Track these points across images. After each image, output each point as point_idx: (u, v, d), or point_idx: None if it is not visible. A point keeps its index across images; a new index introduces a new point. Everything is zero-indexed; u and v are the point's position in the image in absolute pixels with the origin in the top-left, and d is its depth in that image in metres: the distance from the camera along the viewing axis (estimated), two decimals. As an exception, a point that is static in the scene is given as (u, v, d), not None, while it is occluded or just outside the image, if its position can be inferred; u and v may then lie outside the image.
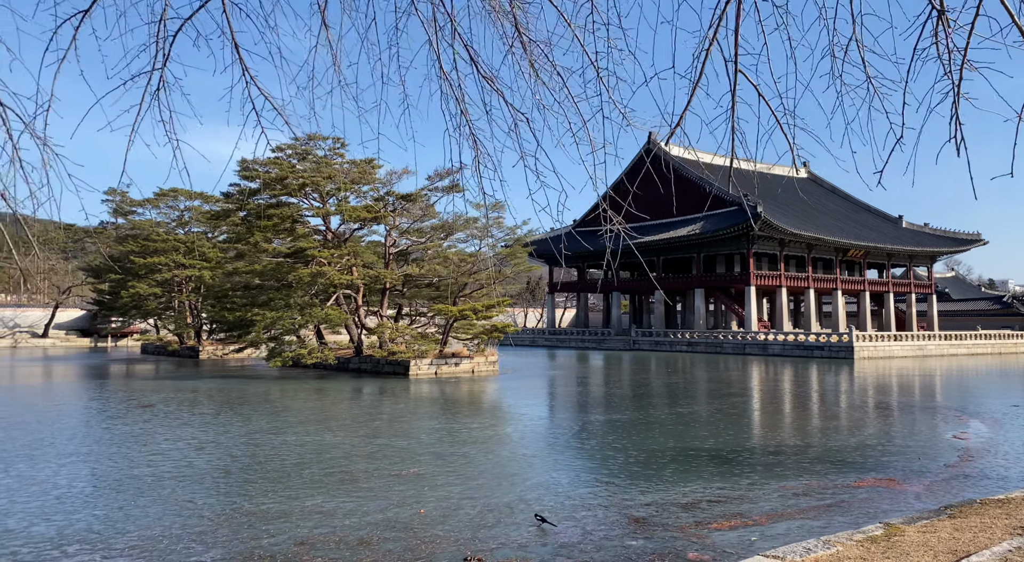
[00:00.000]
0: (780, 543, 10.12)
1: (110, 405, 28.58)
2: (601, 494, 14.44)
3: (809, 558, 7.30)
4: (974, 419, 25.57)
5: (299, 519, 12.41)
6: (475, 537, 11.55)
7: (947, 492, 14.67)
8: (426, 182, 47.35)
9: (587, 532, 11.82)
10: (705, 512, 13.08)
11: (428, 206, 47.26)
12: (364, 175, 46.42)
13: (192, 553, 10.52)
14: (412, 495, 14.18)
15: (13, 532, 11.49)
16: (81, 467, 16.62)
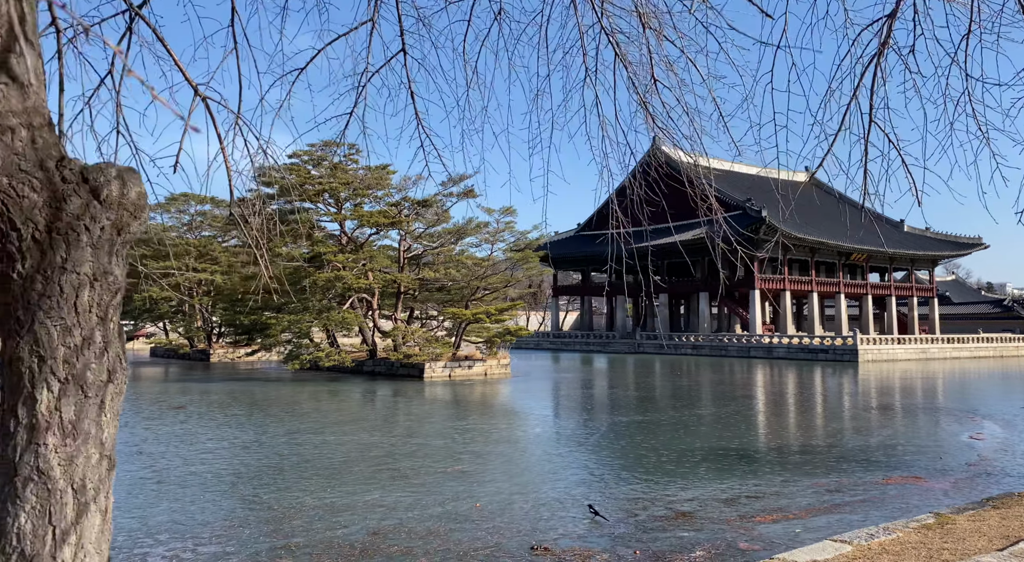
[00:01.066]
0: (823, 535, 10.82)
1: (142, 407, 29.24)
2: (643, 490, 15.13)
3: (874, 542, 7.99)
4: (987, 421, 26.29)
5: (364, 512, 13.09)
6: (535, 528, 12.25)
7: (972, 489, 15.37)
8: (439, 187, 48.05)
9: (639, 524, 12.52)
10: (746, 507, 13.78)
11: (443, 211, 47.97)
12: (379, 181, 47.15)
13: (276, 541, 11.21)
14: (464, 490, 14.86)
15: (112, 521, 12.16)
16: (139, 465, 17.30)
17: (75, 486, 2.50)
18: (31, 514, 2.42)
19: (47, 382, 2.45)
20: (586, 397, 36.12)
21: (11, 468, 2.44)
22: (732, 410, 29.45)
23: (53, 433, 2.45)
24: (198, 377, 46.25)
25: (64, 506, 2.47)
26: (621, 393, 37.23)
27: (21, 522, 2.42)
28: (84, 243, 2.52)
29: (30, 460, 2.43)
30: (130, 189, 2.63)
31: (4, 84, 2.38)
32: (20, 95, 2.41)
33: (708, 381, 45.22)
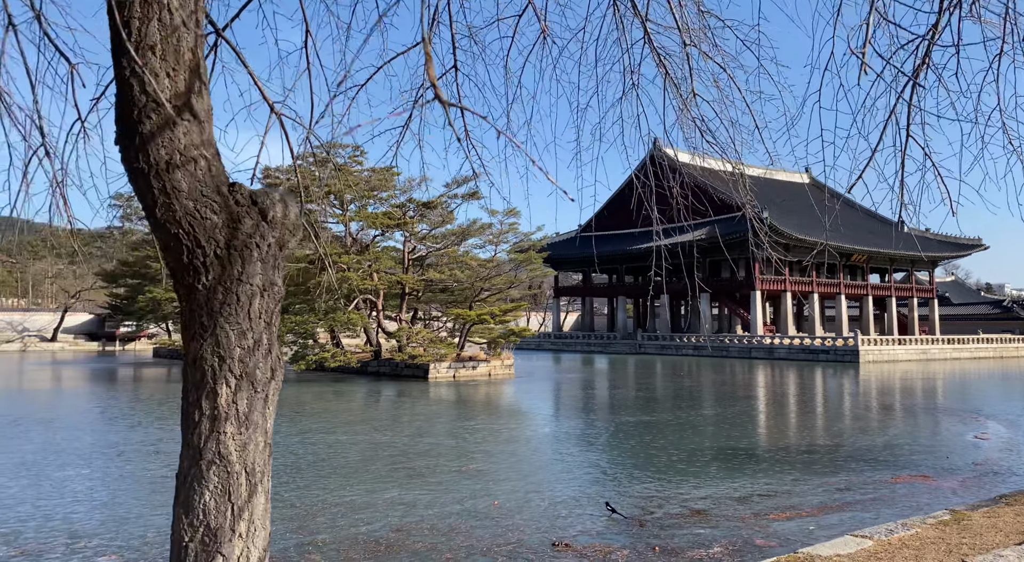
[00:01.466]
0: (837, 533, 11.06)
1: (152, 407, 29.46)
2: (656, 489, 15.37)
3: (893, 538, 8.25)
4: (991, 421, 26.54)
5: (385, 509, 13.33)
6: (553, 526, 12.49)
7: (981, 487, 15.62)
8: (444, 189, 48.29)
9: (656, 521, 12.76)
10: (759, 505, 14.02)
11: (448, 213, 48.22)
12: (384, 183, 47.38)
13: (302, 538, 11.45)
14: (481, 489, 15.10)
15: (140, 518, 12.42)
16: (159, 464, 17.52)
17: (247, 469, 2.80)
18: (214, 493, 2.73)
19: (226, 378, 2.75)
20: (591, 397, 36.37)
21: (196, 453, 2.75)
22: (737, 410, 29.70)
23: (231, 423, 2.75)
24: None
25: (240, 486, 2.77)
26: (626, 393, 37.47)
27: (206, 499, 2.73)
28: (255, 258, 2.82)
29: (213, 446, 2.74)
30: (290, 211, 2.93)
31: (187, 121, 2.67)
32: (199, 130, 2.70)
33: (711, 382, 45.48)
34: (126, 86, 2.76)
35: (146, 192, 2.79)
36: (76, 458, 18.17)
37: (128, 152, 2.79)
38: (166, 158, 2.82)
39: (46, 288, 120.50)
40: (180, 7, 2.74)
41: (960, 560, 7.12)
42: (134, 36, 2.70)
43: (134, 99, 2.77)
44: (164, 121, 2.74)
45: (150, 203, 2.81)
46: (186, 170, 2.70)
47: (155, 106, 2.72)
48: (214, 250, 2.76)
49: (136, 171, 2.78)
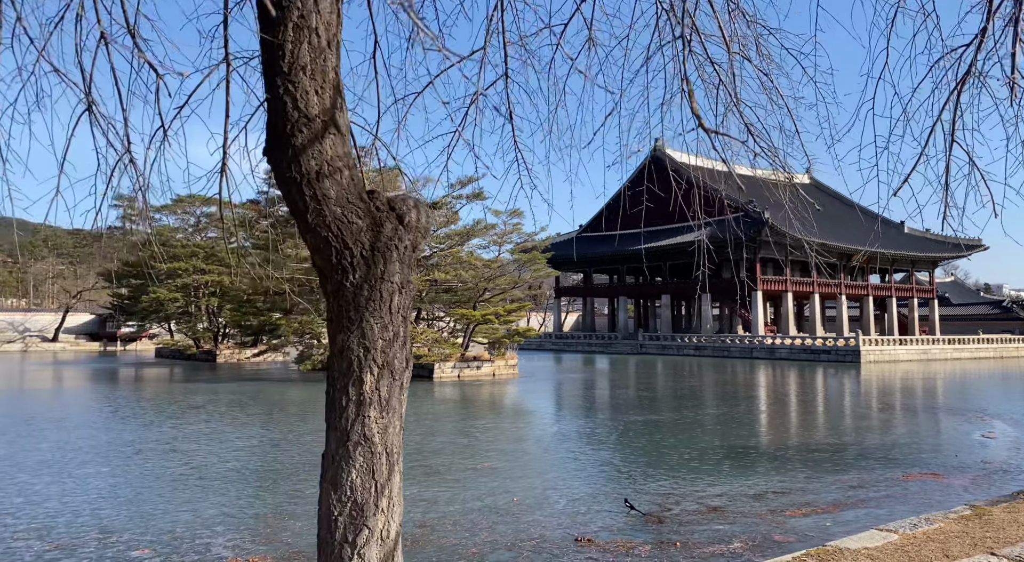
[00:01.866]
0: (854, 529, 11.25)
1: (163, 406, 29.60)
2: (671, 486, 15.56)
3: (918, 531, 8.44)
4: (996, 420, 26.75)
5: (407, 505, 13.31)
6: (574, 522, 12.68)
7: (991, 485, 15.82)
8: (448, 190, 48.43)
9: (674, 518, 12.95)
10: (774, 502, 14.21)
11: (453, 213, 48.38)
12: (389, 184, 47.47)
13: (329, 535, 11.62)
14: (498, 486, 15.29)
15: (167, 514, 12.59)
16: (176, 462, 17.67)
17: (388, 450, 3.03)
18: (360, 471, 2.97)
19: (369, 367, 2.98)
20: (597, 397, 36.57)
21: (344, 435, 2.98)
22: (744, 410, 29.91)
23: (374, 407, 2.98)
24: (209, 377, 46.58)
25: (382, 465, 3.00)
26: (631, 393, 37.67)
27: (353, 477, 2.96)
28: (395, 259, 3.05)
29: (358, 429, 2.98)
30: (422, 215, 3.16)
31: (333, 134, 2.89)
32: (342, 142, 2.92)
33: (714, 381, 45.69)
34: (279, 103, 2.99)
35: (297, 199, 3.03)
36: (95, 456, 18.34)
37: (280, 163, 3.03)
38: (316, 168, 3.02)
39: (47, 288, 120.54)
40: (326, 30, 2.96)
41: (988, 552, 7.31)
42: (287, 58, 2.94)
43: (287, 115, 3.01)
44: (314, 135, 2.98)
45: (301, 209, 3.05)
46: (333, 179, 2.94)
47: (306, 121, 2.96)
48: (360, 251, 3.00)
49: (288, 180, 3.02)
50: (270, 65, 3.09)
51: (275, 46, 2.98)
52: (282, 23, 2.97)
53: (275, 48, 2.98)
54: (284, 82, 3.04)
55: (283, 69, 2.99)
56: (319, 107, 3.12)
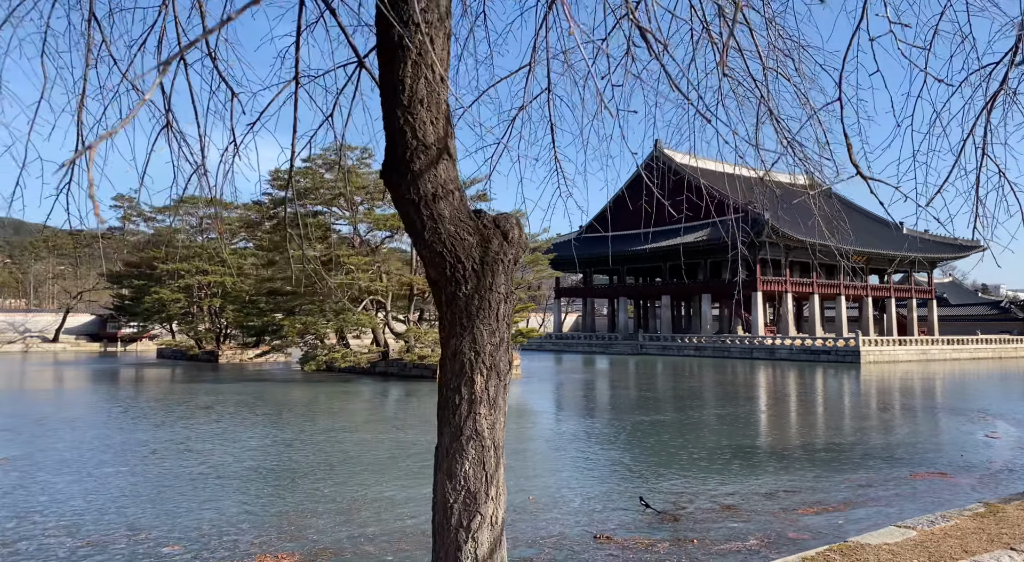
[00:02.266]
0: (865, 527, 11.51)
1: (171, 407, 29.81)
2: (684, 485, 15.80)
3: (936, 528, 8.68)
4: (999, 420, 27.03)
5: (425, 504, 13.61)
6: (591, 520, 12.92)
7: (998, 484, 16.08)
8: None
9: (689, 516, 13.19)
10: (786, 500, 14.46)
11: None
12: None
13: (352, 530, 11.86)
14: (513, 484, 15.42)
15: (190, 512, 12.81)
16: (194, 461, 17.89)
17: (495, 444, 3.31)
18: (472, 463, 3.24)
19: (479, 369, 3.25)
20: (602, 398, 36.83)
21: (457, 430, 3.26)
22: (748, 410, 30.18)
23: (483, 405, 3.24)
24: (214, 378, 46.78)
25: (491, 458, 3.28)
26: (636, 394, 37.93)
27: (466, 468, 3.24)
28: (501, 271, 3.33)
29: (470, 425, 3.25)
30: (521, 232, 3.42)
31: (445, 160, 3.17)
32: (453, 167, 3.21)
33: (717, 382, 45.96)
34: (399, 132, 3.31)
35: (415, 218, 3.34)
36: (112, 455, 18.55)
37: (399, 186, 3.34)
38: (432, 191, 3.33)
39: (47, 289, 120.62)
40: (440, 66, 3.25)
41: (1008, 548, 7.56)
42: (407, 92, 3.25)
43: (406, 143, 3.32)
44: (430, 161, 3.29)
45: (419, 227, 3.37)
46: (447, 200, 3.25)
47: (423, 148, 3.27)
48: (471, 265, 3.30)
49: (407, 201, 3.34)
50: (389, 98, 3.39)
51: (394, 82, 3.28)
52: (401, 61, 3.26)
53: (395, 83, 3.28)
54: (403, 114, 3.33)
55: (403, 102, 3.29)
56: (434, 136, 3.38)
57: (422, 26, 3.25)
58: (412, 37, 3.27)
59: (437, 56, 3.35)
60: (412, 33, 3.30)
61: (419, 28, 3.26)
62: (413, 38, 3.27)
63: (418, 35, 3.27)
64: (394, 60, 3.33)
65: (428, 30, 3.29)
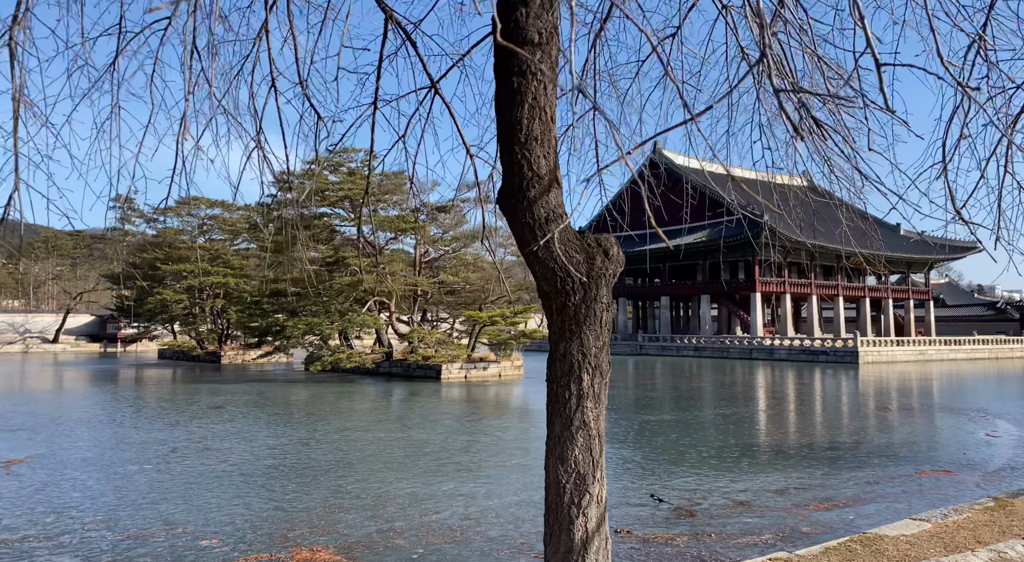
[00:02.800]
0: (876, 522, 11.95)
1: (182, 407, 30.18)
2: (696, 483, 16.22)
3: (949, 521, 9.11)
4: (999, 420, 27.50)
5: (447, 500, 14.15)
6: (610, 515, 13.26)
7: (1001, 481, 16.52)
8: (455, 193, 49.08)
9: (704, 511, 13.61)
10: (797, 497, 14.89)
11: (461, 216, 49.08)
12: (397, 187, 48.18)
13: (381, 525, 12.25)
14: (531, 482, 15.91)
15: (220, 507, 13.20)
16: (214, 460, 18.27)
17: (599, 433, 3.75)
18: (581, 449, 3.69)
19: (586, 368, 3.69)
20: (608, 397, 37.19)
21: (568, 421, 3.71)
22: (752, 410, 30.63)
23: (590, 400, 3.68)
24: (219, 378, 47.14)
25: (596, 445, 3.73)
26: (639, 394, 38.37)
27: (576, 454, 3.68)
28: (603, 284, 3.79)
29: (579, 416, 3.69)
30: (619, 249, 3.88)
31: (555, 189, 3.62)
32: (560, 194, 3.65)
33: (718, 382, 46.42)
34: (516, 164, 3.81)
35: (530, 239, 3.83)
36: (133, 454, 18.93)
37: (516, 211, 3.84)
38: (544, 215, 3.81)
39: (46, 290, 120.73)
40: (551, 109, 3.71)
41: (1020, 538, 7.98)
42: (524, 131, 3.74)
43: (523, 174, 3.82)
44: (543, 189, 3.79)
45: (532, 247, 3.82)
46: (556, 223, 3.75)
47: (538, 179, 3.76)
48: (579, 279, 3.78)
49: (523, 224, 3.83)
50: (507, 135, 3.89)
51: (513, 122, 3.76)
52: (519, 105, 3.74)
53: (513, 123, 3.75)
54: (521, 149, 3.81)
55: (520, 139, 3.77)
56: (546, 168, 3.86)
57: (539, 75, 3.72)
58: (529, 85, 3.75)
59: (549, 101, 3.84)
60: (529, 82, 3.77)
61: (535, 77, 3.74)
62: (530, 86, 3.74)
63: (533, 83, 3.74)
64: (512, 104, 3.80)
65: (543, 78, 3.77)
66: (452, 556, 10.82)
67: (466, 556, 10.87)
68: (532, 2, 3.78)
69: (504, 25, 3.74)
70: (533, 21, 3.79)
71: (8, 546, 10.93)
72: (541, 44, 3.82)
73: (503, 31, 3.73)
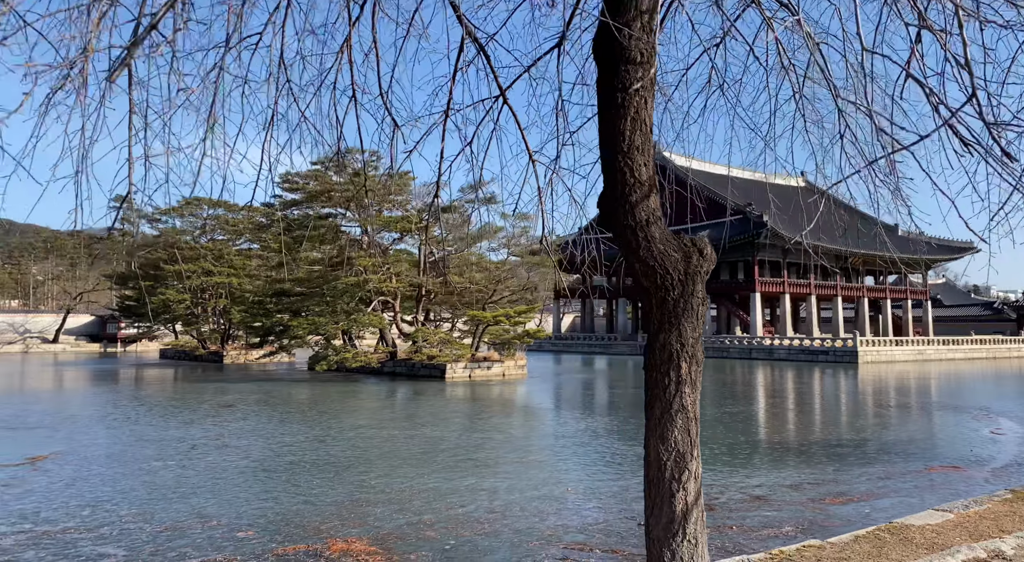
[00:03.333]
0: (892, 515, 12.24)
1: (193, 405, 30.44)
2: (712, 479, 16.49)
3: (971, 511, 9.43)
4: (1001, 418, 27.87)
5: (470, 495, 14.44)
6: (628, 509, 13.62)
7: (1010, 476, 16.86)
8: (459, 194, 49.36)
9: (723, 506, 13.92)
10: (812, 491, 15.21)
11: (467, 216, 49.35)
12: (401, 187, 48.47)
13: (410, 518, 12.55)
14: (548, 477, 16.24)
15: (249, 502, 13.48)
16: (236, 456, 18.55)
17: (695, 417, 4.10)
18: (680, 430, 4.03)
19: (684, 356, 4.04)
20: (612, 396, 37.60)
21: (668, 405, 4.04)
22: (757, 408, 30.99)
23: (687, 385, 4.01)
24: (224, 378, 47.38)
25: (693, 426, 4.06)
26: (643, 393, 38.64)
27: (675, 434, 4.01)
28: (698, 280, 4.15)
29: (678, 400, 4.02)
30: (711, 249, 4.21)
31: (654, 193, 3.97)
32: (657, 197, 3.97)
33: (720, 381, 46.76)
34: (619, 172, 4.18)
35: (631, 239, 4.19)
36: (154, 451, 19.20)
37: (618, 214, 4.21)
38: (645, 218, 4.17)
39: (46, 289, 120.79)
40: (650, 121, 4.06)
41: (1043, 524, 8.30)
42: (626, 141, 4.10)
43: (625, 181, 4.19)
44: (644, 194, 4.16)
45: (634, 247, 4.23)
46: (656, 225, 4.11)
47: (639, 185, 4.13)
48: (677, 276, 4.13)
49: (625, 226, 4.19)
50: (609, 145, 4.25)
51: (616, 133, 4.10)
52: (621, 118, 4.07)
53: (615, 135, 4.10)
54: (623, 158, 4.19)
55: (623, 149, 4.14)
56: (646, 175, 4.24)
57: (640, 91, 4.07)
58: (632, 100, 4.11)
59: (648, 114, 4.21)
60: (631, 97, 4.13)
61: (637, 93, 4.08)
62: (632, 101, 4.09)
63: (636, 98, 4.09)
64: (616, 117, 4.18)
65: (644, 94, 4.12)
66: (483, 547, 11.12)
67: (497, 547, 11.16)
68: (634, 26, 4.10)
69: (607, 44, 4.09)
70: (635, 42, 4.14)
71: (52, 538, 11.21)
72: (642, 63, 4.18)
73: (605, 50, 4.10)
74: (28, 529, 11.68)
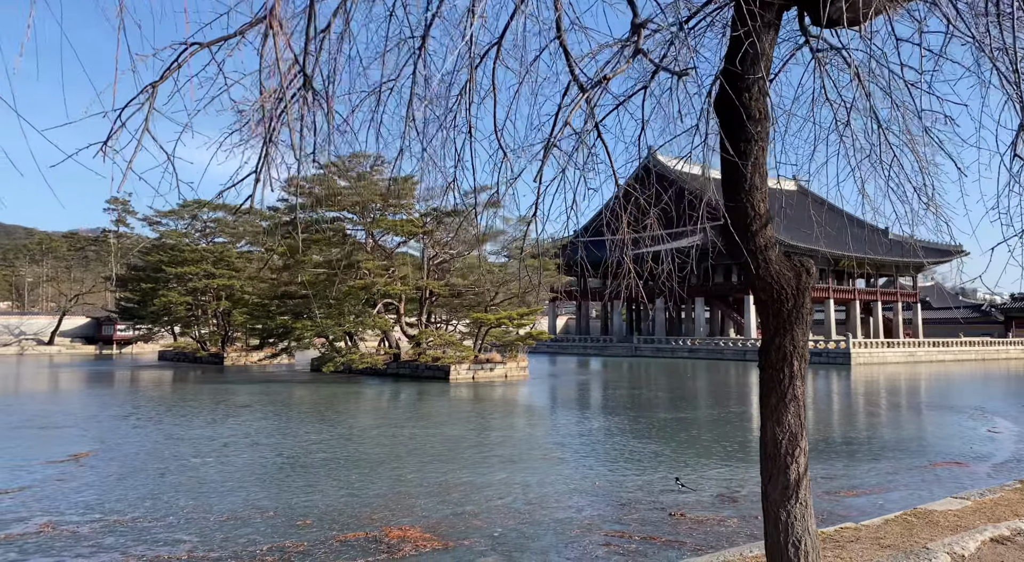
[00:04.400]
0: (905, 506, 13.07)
1: (209, 407, 31.08)
2: (729, 473, 17.35)
3: (986, 499, 10.28)
4: (996, 417, 28.84)
5: (504, 488, 15.21)
6: (657, 500, 14.43)
7: (1011, 471, 17.74)
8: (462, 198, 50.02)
9: (744, 498, 14.74)
10: (825, 485, 16.04)
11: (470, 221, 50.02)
12: (406, 192, 49.15)
13: (453, 508, 13.31)
14: (574, 472, 17.02)
15: (296, 495, 14.22)
16: (269, 453, 19.27)
17: (804, 404, 4.93)
18: (792, 415, 4.86)
19: (796, 356, 4.89)
20: (617, 397, 38.40)
21: (783, 395, 4.87)
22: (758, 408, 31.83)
23: (798, 379, 4.83)
24: (229, 379, 48.00)
25: (802, 413, 4.90)
26: (647, 393, 39.56)
27: (789, 418, 4.84)
28: (807, 294, 4.99)
29: (791, 391, 4.86)
30: (816, 267, 5.04)
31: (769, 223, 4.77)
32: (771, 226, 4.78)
33: (719, 382, 47.72)
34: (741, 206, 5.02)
35: (752, 261, 5.02)
36: (188, 449, 19.88)
37: (744, 240, 4.97)
38: (763, 243, 5.01)
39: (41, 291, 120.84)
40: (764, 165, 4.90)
41: (1056, 508, 9.15)
42: (748, 182, 4.92)
43: (747, 213, 4.98)
44: (762, 225, 5.01)
45: (755, 268, 5.03)
46: (772, 250, 4.96)
47: (758, 217, 4.96)
48: (791, 291, 4.97)
49: (750, 251, 5.00)
50: (732, 184, 5.06)
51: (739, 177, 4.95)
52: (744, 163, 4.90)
53: (739, 179, 4.94)
54: (745, 196, 5.07)
55: (744, 187, 4.99)
56: (764, 209, 5.13)
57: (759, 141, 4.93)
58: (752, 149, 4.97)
59: (763, 159, 5.07)
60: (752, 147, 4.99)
61: (756, 143, 4.94)
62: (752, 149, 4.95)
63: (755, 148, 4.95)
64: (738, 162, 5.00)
65: (761, 143, 4.99)
66: (529, 534, 11.89)
67: (541, 534, 11.94)
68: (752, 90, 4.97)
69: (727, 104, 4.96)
70: (754, 104, 5.02)
71: (124, 526, 11.93)
72: (760, 120, 5.05)
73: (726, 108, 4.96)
74: (99, 518, 12.39)
